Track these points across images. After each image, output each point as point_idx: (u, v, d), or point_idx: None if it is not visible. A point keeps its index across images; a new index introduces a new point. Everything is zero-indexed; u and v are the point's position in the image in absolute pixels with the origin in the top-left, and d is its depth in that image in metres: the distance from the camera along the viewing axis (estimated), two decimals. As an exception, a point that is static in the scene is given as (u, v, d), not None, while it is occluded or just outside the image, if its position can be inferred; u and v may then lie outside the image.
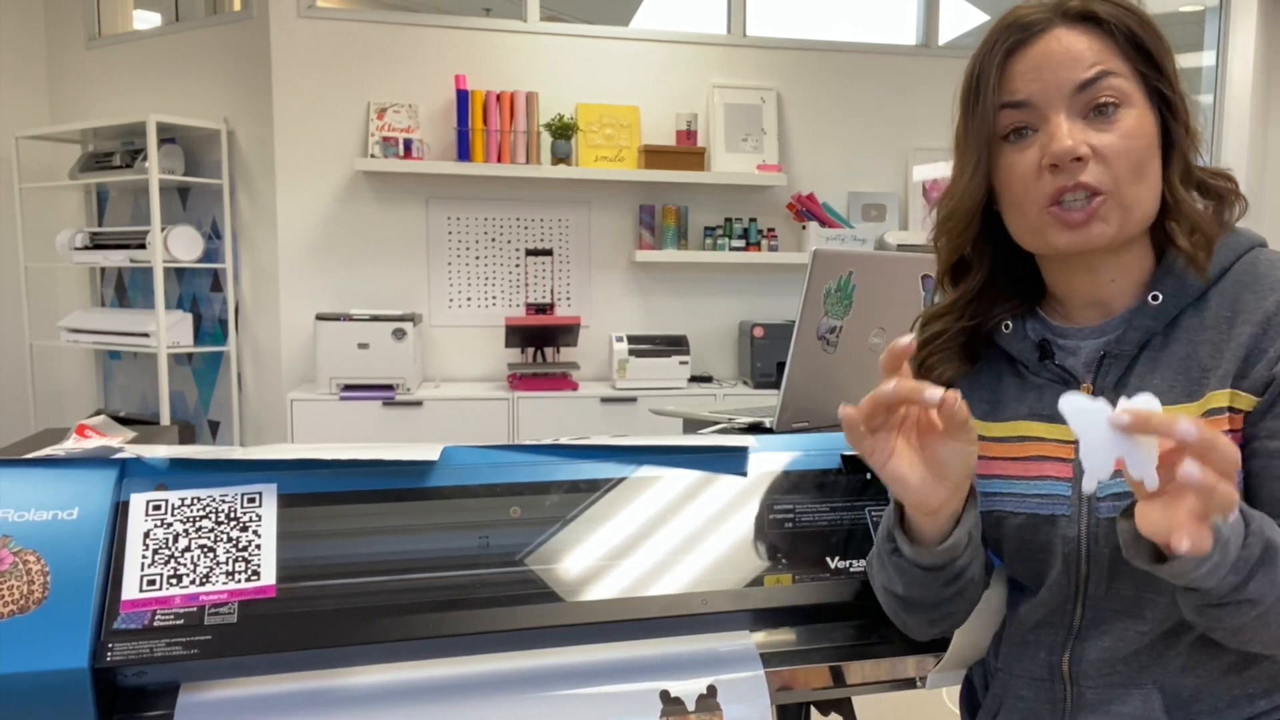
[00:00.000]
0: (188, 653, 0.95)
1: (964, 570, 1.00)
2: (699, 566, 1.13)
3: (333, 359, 3.66)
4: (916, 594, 1.02)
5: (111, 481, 1.02)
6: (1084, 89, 0.95)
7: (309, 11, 3.89)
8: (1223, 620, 0.87)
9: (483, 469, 1.14)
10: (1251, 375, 0.93)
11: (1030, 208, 0.98)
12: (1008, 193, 1.00)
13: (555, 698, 1.06)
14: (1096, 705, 1.01)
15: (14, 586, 0.93)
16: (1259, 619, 0.85)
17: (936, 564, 0.98)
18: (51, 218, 4.37)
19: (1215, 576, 0.82)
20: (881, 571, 1.06)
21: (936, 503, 0.94)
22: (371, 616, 1.02)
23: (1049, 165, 0.95)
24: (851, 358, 1.67)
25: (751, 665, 1.12)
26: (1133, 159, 0.95)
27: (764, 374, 4.03)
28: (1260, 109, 4.48)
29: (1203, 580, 0.82)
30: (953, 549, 0.97)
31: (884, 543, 1.03)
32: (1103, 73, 0.95)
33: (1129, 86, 0.95)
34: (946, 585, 1.00)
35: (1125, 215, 0.95)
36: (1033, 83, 0.96)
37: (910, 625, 1.08)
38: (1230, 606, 0.85)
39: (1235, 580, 0.83)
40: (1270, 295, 0.94)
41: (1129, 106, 0.95)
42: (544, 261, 4.13)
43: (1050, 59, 0.96)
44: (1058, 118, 0.95)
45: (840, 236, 4.17)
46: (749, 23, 4.28)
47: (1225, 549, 0.81)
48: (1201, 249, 0.97)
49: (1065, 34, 0.96)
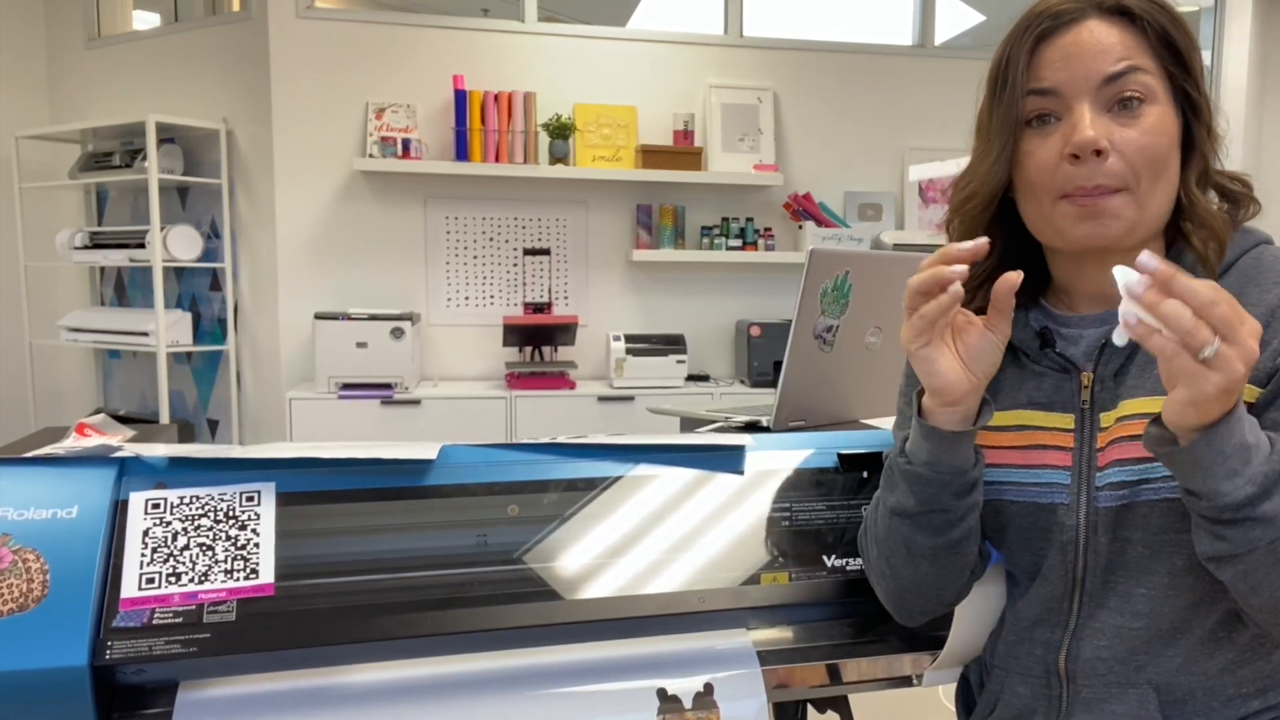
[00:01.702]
0: (186, 651, 0.95)
1: (973, 486, 1.02)
2: (696, 564, 1.13)
3: (331, 358, 3.66)
4: (930, 506, 1.01)
5: (111, 480, 1.02)
6: (1111, 81, 0.95)
7: (308, 12, 3.89)
8: (1233, 541, 0.85)
9: (480, 468, 1.14)
10: (1256, 367, 0.94)
11: (1045, 197, 0.98)
12: (1025, 179, 1.00)
13: (553, 695, 1.06)
14: (1092, 703, 1.01)
15: (13, 585, 0.93)
16: (1270, 549, 0.84)
17: (954, 465, 1.00)
18: (51, 217, 4.37)
19: (1233, 482, 0.83)
20: (890, 494, 1.05)
21: (961, 392, 0.97)
22: (370, 615, 1.02)
23: (1069, 155, 0.95)
24: (848, 357, 1.68)
25: (748, 663, 1.12)
26: (1153, 155, 0.95)
27: (761, 373, 4.03)
28: (1255, 108, 4.48)
29: (1220, 481, 0.83)
30: (969, 447, 1.00)
31: (894, 460, 1.04)
32: (1131, 67, 0.95)
33: (1155, 83, 0.96)
34: (957, 497, 1.01)
35: (1141, 212, 0.96)
36: (1060, 71, 0.96)
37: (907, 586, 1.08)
38: (1243, 525, 0.84)
39: (1252, 491, 0.83)
40: (1274, 288, 0.95)
41: (1154, 103, 0.95)
42: (542, 261, 4.13)
43: (1080, 48, 0.96)
44: (1081, 108, 0.95)
45: (837, 236, 4.17)
46: (746, 23, 4.29)
47: (1248, 455, 0.82)
48: (1214, 252, 0.98)
49: (1097, 25, 0.96)
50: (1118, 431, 0.98)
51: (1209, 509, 0.86)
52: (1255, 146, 4.55)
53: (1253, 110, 4.46)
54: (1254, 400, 0.94)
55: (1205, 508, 0.86)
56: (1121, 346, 0.88)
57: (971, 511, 1.03)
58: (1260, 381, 0.93)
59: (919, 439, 1.01)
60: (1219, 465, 0.82)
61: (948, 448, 0.99)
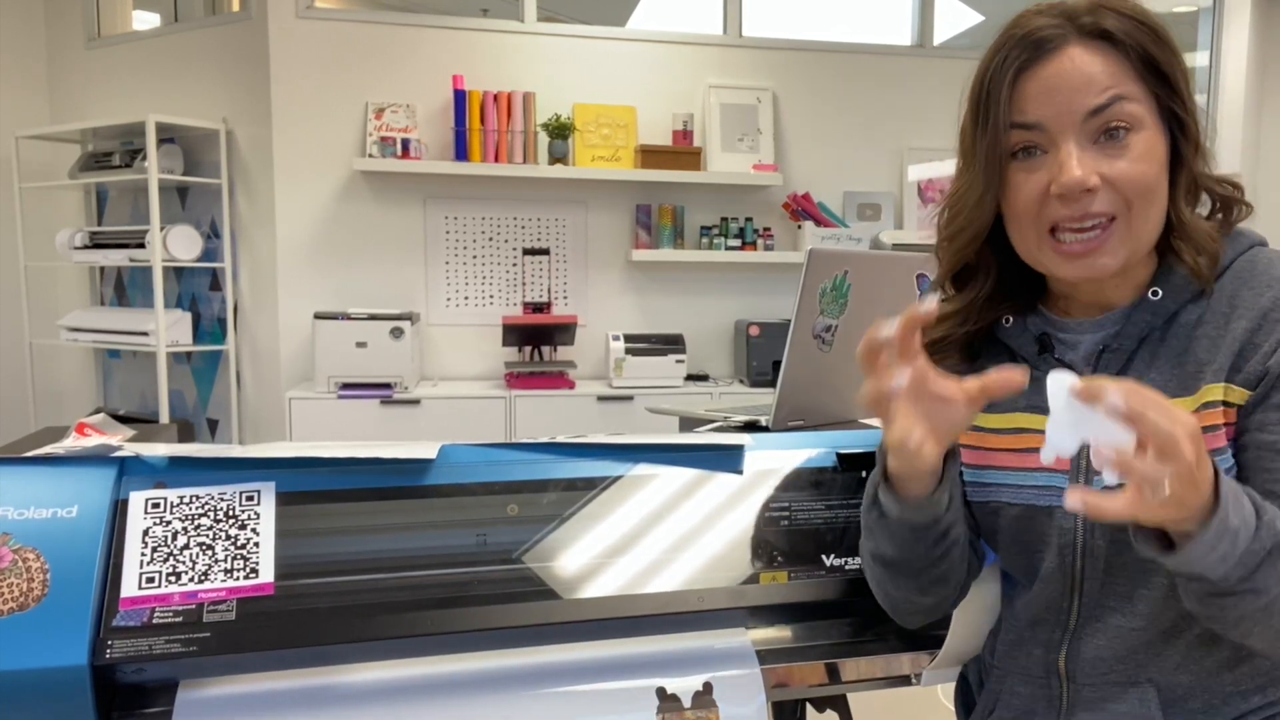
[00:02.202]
0: (186, 650, 0.96)
1: (949, 529, 1.01)
2: (695, 564, 1.14)
3: (331, 358, 3.66)
4: (906, 555, 1.02)
5: (111, 480, 1.03)
6: (1095, 114, 0.93)
7: (307, 12, 3.89)
8: (1227, 610, 0.87)
9: (480, 467, 1.14)
10: (1245, 369, 0.94)
11: (1030, 232, 0.98)
12: (1012, 211, 1.00)
13: (552, 694, 1.07)
14: (1093, 703, 1.01)
15: (14, 584, 0.94)
16: (1264, 610, 0.85)
17: (924, 521, 0.99)
18: (51, 217, 4.37)
19: (1224, 566, 0.82)
20: (869, 539, 1.06)
21: (926, 466, 0.94)
22: (369, 614, 1.02)
23: (1057, 194, 0.94)
24: (847, 356, 1.68)
25: (747, 662, 1.12)
26: (1144, 184, 0.94)
27: (760, 372, 4.03)
28: (1253, 109, 4.49)
29: (1211, 570, 0.83)
30: (937, 503, 0.98)
31: (869, 508, 1.03)
32: (1115, 97, 0.93)
33: (1141, 109, 0.94)
34: (934, 545, 1.01)
35: (1134, 243, 0.96)
36: (1044, 106, 0.95)
37: (900, 603, 1.09)
38: (1236, 596, 0.85)
39: (1242, 572, 0.83)
40: (1266, 291, 0.95)
41: (1140, 130, 0.94)
42: (541, 261, 4.13)
43: (1063, 81, 0.94)
44: (1068, 145, 0.94)
45: (835, 236, 4.17)
46: (745, 23, 4.29)
47: (1235, 539, 0.82)
48: (1204, 265, 0.97)
49: (1079, 54, 0.94)
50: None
51: (1198, 590, 0.86)
52: (1253, 146, 4.55)
53: (1250, 110, 4.46)
54: (1244, 403, 0.94)
55: (1195, 588, 0.87)
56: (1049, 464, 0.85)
57: (952, 548, 1.03)
58: (1250, 384, 0.94)
59: (890, 501, 1.00)
60: (1209, 555, 0.82)
61: (916, 510, 0.99)
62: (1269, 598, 0.85)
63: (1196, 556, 0.82)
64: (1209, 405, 0.95)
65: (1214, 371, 0.95)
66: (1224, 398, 0.94)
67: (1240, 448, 0.95)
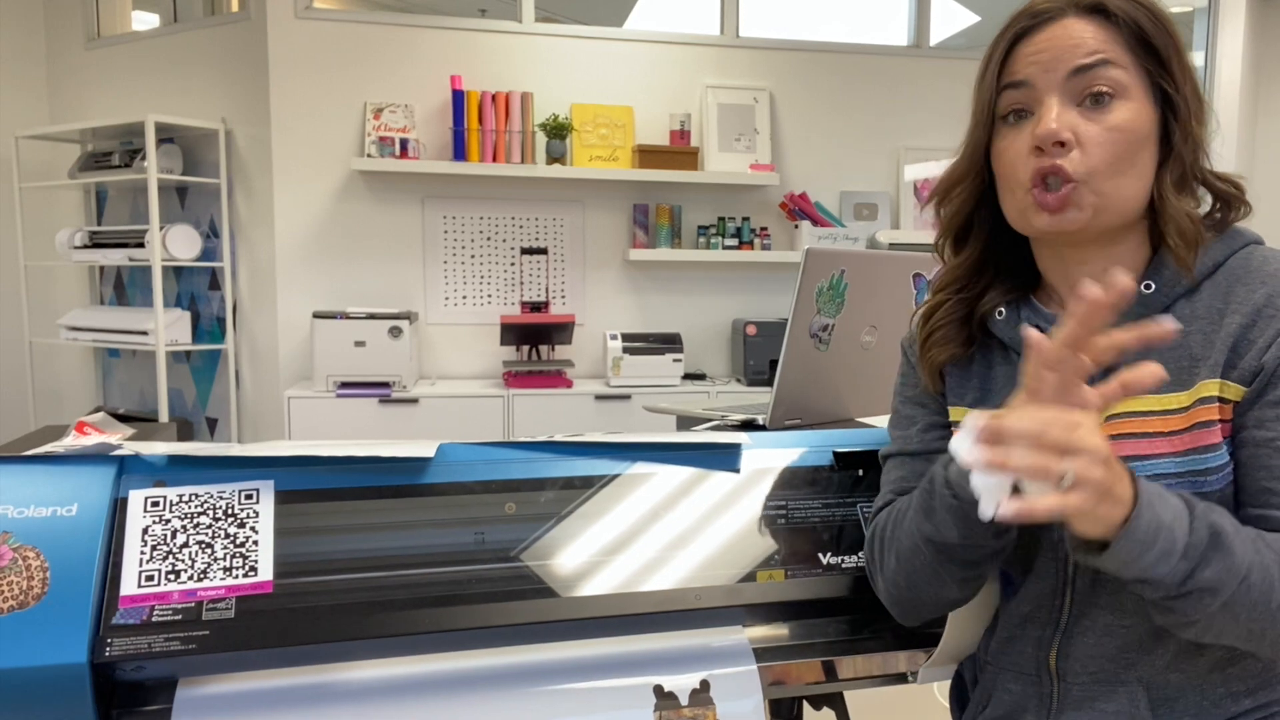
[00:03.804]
0: (185, 648, 0.96)
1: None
2: (693, 562, 1.14)
3: (329, 357, 3.67)
4: (971, 539, 0.98)
5: (110, 478, 1.03)
6: (1080, 73, 0.96)
7: (306, 12, 3.89)
8: (1186, 613, 0.87)
9: (478, 466, 1.14)
10: (1240, 365, 0.94)
11: (1018, 188, 1.00)
12: (1000, 173, 1.02)
13: (550, 692, 1.07)
14: (1082, 701, 1.01)
15: (13, 582, 0.94)
16: (1224, 610, 0.86)
17: None
18: (51, 217, 4.37)
19: (1166, 565, 0.83)
20: (927, 521, 1.01)
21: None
22: (368, 612, 1.02)
23: (1034, 147, 0.97)
24: (843, 356, 1.68)
25: (745, 660, 1.12)
26: (1114, 151, 0.95)
27: (757, 371, 4.04)
28: (1249, 109, 4.49)
29: (1152, 569, 0.83)
30: None
31: (940, 489, 0.99)
32: (1102, 60, 0.95)
33: (1128, 79, 0.96)
34: (1001, 535, 0.98)
35: (1100, 203, 0.96)
36: (1032, 65, 0.98)
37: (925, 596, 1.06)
38: (1189, 597, 0.85)
39: (1186, 567, 0.84)
40: (1260, 288, 0.96)
41: (1125, 99, 0.96)
42: (539, 260, 4.13)
43: (1054, 43, 0.97)
44: (1050, 100, 0.96)
45: (832, 235, 4.18)
46: (741, 23, 4.29)
47: (1171, 534, 0.83)
48: (1186, 251, 0.98)
49: (1073, 23, 0.98)
50: (1108, 430, 0.98)
51: (1154, 593, 0.87)
52: (1249, 146, 4.56)
53: (1246, 110, 4.47)
54: (1239, 399, 0.94)
55: (1151, 592, 0.87)
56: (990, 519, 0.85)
57: (1010, 539, 1.01)
58: (1245, 380, 0.94)
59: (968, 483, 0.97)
60: (1148, 553, 0.83)
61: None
62: (1225, 595, 0.85)
63: (1134, 554, 0.83)
64: (1204, 401, 0.95)
65: (1209, 367, 0.95)
66: (1219, 393, 0.95)
67: (1238, 445, 0.95)
